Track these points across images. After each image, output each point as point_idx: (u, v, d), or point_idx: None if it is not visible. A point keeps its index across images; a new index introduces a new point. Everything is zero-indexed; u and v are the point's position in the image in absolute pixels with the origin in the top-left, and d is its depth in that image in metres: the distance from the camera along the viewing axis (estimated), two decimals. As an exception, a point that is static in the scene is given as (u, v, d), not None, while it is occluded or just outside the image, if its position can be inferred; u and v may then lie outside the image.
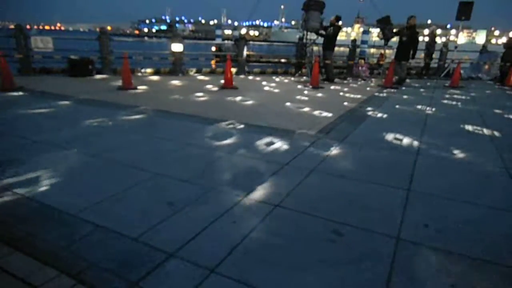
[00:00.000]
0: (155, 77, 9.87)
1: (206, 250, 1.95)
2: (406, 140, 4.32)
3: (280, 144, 3.94)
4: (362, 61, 12.38)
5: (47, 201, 2.42)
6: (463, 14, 12.07)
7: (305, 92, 8.32)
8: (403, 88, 9.85)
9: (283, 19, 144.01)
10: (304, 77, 11.06)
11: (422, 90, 9.60)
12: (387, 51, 12.25)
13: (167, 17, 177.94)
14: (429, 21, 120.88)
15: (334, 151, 3.80)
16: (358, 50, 12.77)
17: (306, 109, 6.12)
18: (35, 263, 1.77)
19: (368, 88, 9.47)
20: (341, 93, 8.31)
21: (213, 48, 18.05)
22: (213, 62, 14.21)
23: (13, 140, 3.75)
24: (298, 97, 7.46)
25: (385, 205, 2.58)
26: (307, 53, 11.44)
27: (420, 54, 14.31)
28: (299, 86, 9.28)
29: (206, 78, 10.30)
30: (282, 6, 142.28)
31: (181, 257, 1.88)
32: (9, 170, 2.95)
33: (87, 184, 2.75)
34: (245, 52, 11.22)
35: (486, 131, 5.03)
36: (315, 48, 11.14)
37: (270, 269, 1.82)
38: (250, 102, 6.55)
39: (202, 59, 13.40)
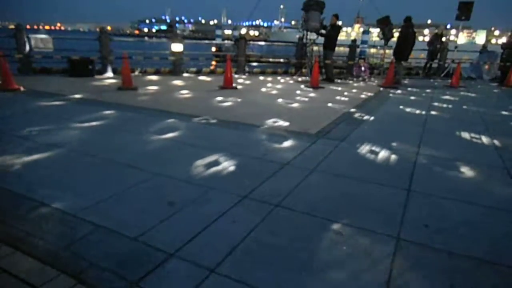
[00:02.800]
0: (155, 77, 9.87)
1: (206, 250, 1.95)
2: (406, 140, 4.32)
3: (280, 144, 3.94)
4: (362, 61, 12.36)
5: (47, 200, 2.42)
6: (463, 14, 12.07)
7: (306, 93, 8.32)
8: (402, 88, 9.85)
9: (282, 19, 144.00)
10: (304, 77, 11.06)
11: (422, 90, 9.60)
12: (387, 51, 12.24)
13: (167, 17, 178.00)
14: (429, 21, 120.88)
15: (335, 150, 3.80)
16: (358, 50, 12.76)
17: (306, 109, 6.12)
18: (35, 263, 1.77)
19: (366, 89, 9.46)
20: (341, 93, 8.31)
21: (213, 49, 18.03)
22: (213, 62, 14.19)
23: (12, 140, 3.75)
24: (298, 97, 7.46)
25: (385, 205, 2.58)
26: (307, 53, 11.43)
27: (420, 54, 14.33)
28: (300, 87, 9.27)
29: (206, 78, 10.30)
30: (281, 6, 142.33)
31: (181, 257, 1.88)
32: (8, 169, 2.95)
33: (87, 183, 2.75)
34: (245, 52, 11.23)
35: (485, 130, 5.03)
36: (315, 48, 11.14)
37: (270, 269, 1.82)
38: (250, 103, 6.55)
39: (202, 59, 13.40)
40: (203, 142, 3.92)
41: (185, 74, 10.71)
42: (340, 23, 10.26)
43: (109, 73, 9.53)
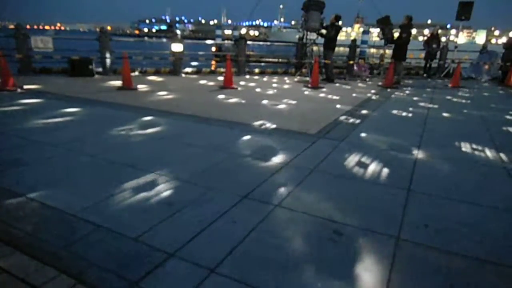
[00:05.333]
0: (155, 77, 9.87)
1: (206, 250, 1.95)
2: (406, 140, 4.32)
3: (280, 144, 3.94)
4: (362, 61, 12.37)
5: (47, 201, 2.42)
6: (463, 14, 12.08)
7: (305, 93, 8.33)
8: (402, 89, 9.85)
9: (282, 19, 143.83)
10: (304, 77, 11.06)
11: (421, 90, 9.61)
12: (387, 51, 12.24)
13: (167, 17, 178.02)
14: (429, 21, 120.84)
15: (334, 151, 3.80)
16: (358, 50, 12.76)
17: (306, 109, 6.13)
18: (35, 263, 1.77)
19: (366, 89, 9.46)
20: (342, 93, 8.31)
21: (213, 48, 18.06)
22: (213, 62, 14.20)
23: (13, 140, 3.74)
24: (297, 97, 7.46)
25: (385, 205, 2.58)
26: (307, 53, 11.43)
27: (420, 54, 14.34)
28: (299, 87, 9.28)
29: (206, 78, 10.30)
30: (281, 6, 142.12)
31: (181, 257, 1.88)
32: (9, 170, 2.95)
33: (87, 184, 2.75)
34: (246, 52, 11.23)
35: (485, 130, 5.03)
36: (315, 48, 11.14)
37: (270, 269, 1.82)
38: (251, 103, 6.55)
39: (202, 59, 13.40)
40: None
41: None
42: (340, 23, 10.25)
43: (109, 73, 9.52)
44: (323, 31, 10.17)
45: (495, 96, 9.23)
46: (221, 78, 9.28)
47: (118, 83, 7.76)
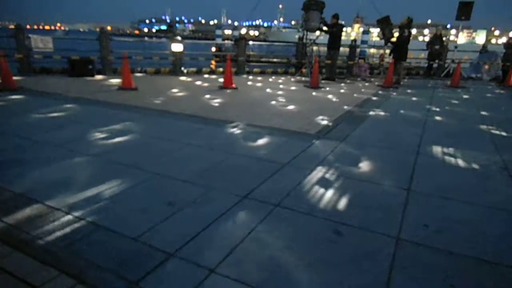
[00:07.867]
0: (155, 77, 9.87)
1: (206, 250, 1.95)
2: (405, 140, 4.32)
3: (280, 144, 3.94)
4: (362, 61, 12.37)
5: (47, 200, 2.42)
6: (463, 14, 12.09)
7: (305, 93, 8.32)
8: (402, 89, 9.85)
9: (281, 19, 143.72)
10: (304, 77, 11.06)
11: (421, 90, 9.60)
12: (387, 51, 12.25)
13: (167, 17, 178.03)
14: (429, 21, 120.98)
15: (334, 151, 3.80)
16: (358, 50, 12.76)
17: (305, 109, 6.13)
18: (35, 263, 1.77)
19: (366, 89, 9.46)
20: (342, 93, 8.31)
21: (213, 49, 18.06)
22: (213, 62, 14.20)
23: (13, 140, 3.74)
24: (298, 97, 7.46)
25: (385, 205, 2.58)
26: (307, 53, 11.44)
27: (420, 54, 14.35)
28: (299, 87, 9.27)
29: (206, 78, 10.30)
30: (280, 6, 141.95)
31: (181, 257, 1.88)
32: (9, 170, 2.95)
33: (87, 184, 2.75)
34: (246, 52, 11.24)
35: (485, 130, 5.03)
36: (315, 48, 11.14)
37: (270, 269, 1.82)
38: (250, 103, 6.55)
39: (202, 59, 13.40)
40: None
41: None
42: (342, 22, 10.26)
43: (109, 73, 9.52)
44: (325, 28, 10.18)
45: (495, 96, 9.21)
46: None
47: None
